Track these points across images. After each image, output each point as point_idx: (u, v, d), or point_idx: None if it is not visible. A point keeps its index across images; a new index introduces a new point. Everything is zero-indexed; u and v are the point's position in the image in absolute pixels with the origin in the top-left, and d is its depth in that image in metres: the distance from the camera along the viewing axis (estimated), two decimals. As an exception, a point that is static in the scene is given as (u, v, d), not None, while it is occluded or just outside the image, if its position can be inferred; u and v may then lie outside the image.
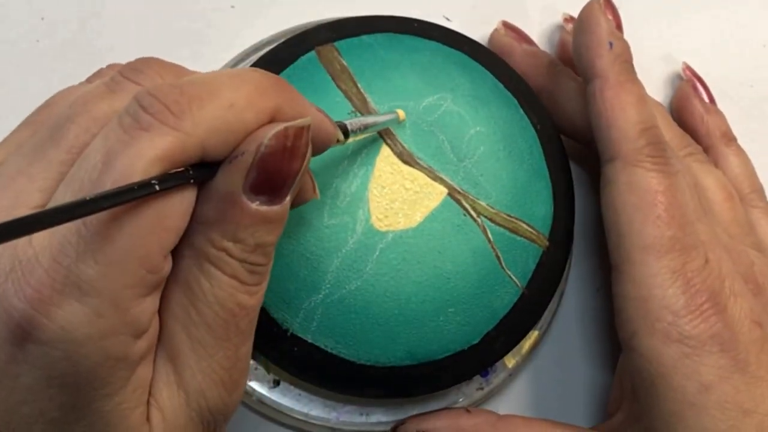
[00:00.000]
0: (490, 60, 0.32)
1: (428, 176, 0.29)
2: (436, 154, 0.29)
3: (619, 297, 0.28)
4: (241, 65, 0.33)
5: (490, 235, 0.29)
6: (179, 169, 0.19)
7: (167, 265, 0.20)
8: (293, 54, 0.30)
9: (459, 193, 0.29)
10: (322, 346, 0.28)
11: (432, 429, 0.30)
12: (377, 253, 0.28)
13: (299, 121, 0.20)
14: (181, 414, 0.21)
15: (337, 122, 0.24)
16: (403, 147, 0.29)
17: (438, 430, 0.30)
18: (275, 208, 0.20)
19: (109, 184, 0.18)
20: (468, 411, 0.30)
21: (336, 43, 0.30)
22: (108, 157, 0.18)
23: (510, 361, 0.32)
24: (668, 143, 0.29)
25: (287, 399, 0.31)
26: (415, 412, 0.31)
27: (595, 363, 0.34)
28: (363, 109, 0.29)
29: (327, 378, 0.29)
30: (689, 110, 0.35)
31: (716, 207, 0.31)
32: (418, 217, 0.28)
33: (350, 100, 0.29)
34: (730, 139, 0.34)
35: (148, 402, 0.20)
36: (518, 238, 0.29)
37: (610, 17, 0.30)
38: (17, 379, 0.18)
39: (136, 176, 0.18)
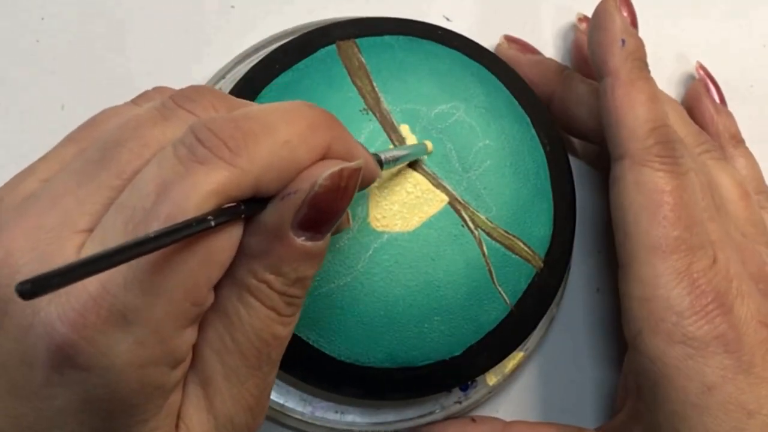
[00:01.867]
0: (508, 75, 0.32)
1: (431, 182, 0.29)
2: (442, 162, 0.29)
3: (624, 296, 0.28)
4: (241, 65, 0.33)
5: (485, 249, 0.29)
6: (232, 204, 0.19)
7: (211, 298, 0.20)
8: (314, 45, 0.30)
9: (459, 203, 0.29)
10: (304, 338, 0.28)
11: None
12: (370, 252, 0.27)
13: (354, 164, 0.20)
14: None
15: (372, 154, 0.24)
16: (409, 150, 0.29)
17: None
18: (318, 243, 0.20)
19: (162, 215, 0.18)
20: (473, 420, 0.30)
21: (357, 40, 0.30)
22: (162, 187, 0.18)
23: (491, 378, 0.32)
24: (680, 141, 0.29)
25: (264, 387, 0.31)
26: (390, 417, 0.31)
27: (596, 362, 0.34)
28: (375, 107, 0.29)
29: (305, 370, 0.29)
30: (700, 110, 0.35)
31: (731, 205, 0.31)
32: (415, 221, 0.28)
33: (363, 97, 0.29)
34: (738, 140, 0.35)
35: (177, 426, 0.20)
36: (513, 255, 0.29)
37: (625, 14, 0.31)
38: (49, 402, 0.18)
39: (190, 209, 0.18)
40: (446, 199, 0.29)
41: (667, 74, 0.38)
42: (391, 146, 0.29)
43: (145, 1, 0.35)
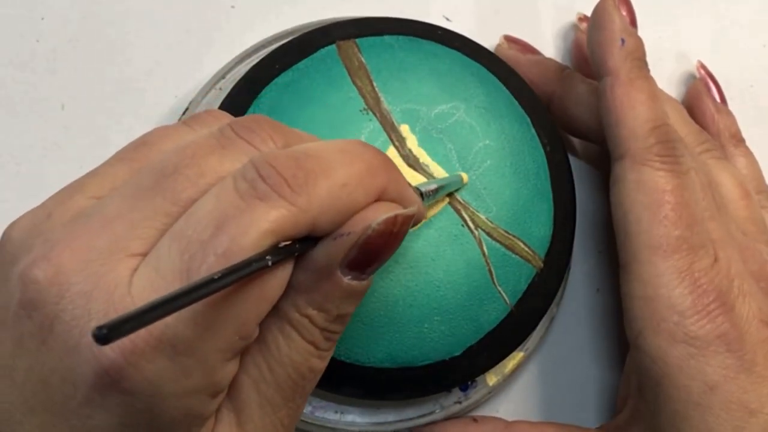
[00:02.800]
0: (508, 75, 0.32)
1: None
2: (442, 162, 0.29)
3: (626, 296, 0.28)
4: (241, 65, 0.33)
5: (485, 249, 0.29)
6: (287, 243, 0.19)
7: (257, 332, 0.20)
8: (314, 45, 0.30)
9: (460, 203, 0.29)
10: (304, 338, 0.28)
11: None
12: (370, 252, 0.27)
13: (409, 210, 0.20)
14: None
15: (413, 188, 0.24)
16: (409, 151, 0.29)
17: None
18: (363, 282, 0.21)
19: (220, 250, 0.18)
20: (475, 420, 0.30)
21: (357, 40, 0.30)
22: (221, 220, 0.18)
23: (491, 378, 0.32)
24: (681, 140, 0.29)
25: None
26: (390, 417, 0.31)
27: (596, 363, 0.34)
28: (375, 107, 0.29)
29: (305, 370, 0.29)
30: (701, 109, 0.35)
31: (731, 204, 0.31)
32: (415, 221, 0.28)
33: (363, 97, 0.29)
34: (739, 140, 0.35)
35: None
36: (513, 255, 0.29)
37: (624, 13, 0.31)
38: (87, 421, 0.18)
39: (248, 246, 0.18)
40: (446, 199, 0.29)
41: (667, 74, 0.38)
42: (427, 179, 0.29)
43: (145, 1, 0.35)
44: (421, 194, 0.25)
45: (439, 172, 0.29)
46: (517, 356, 0.32)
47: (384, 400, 0.31)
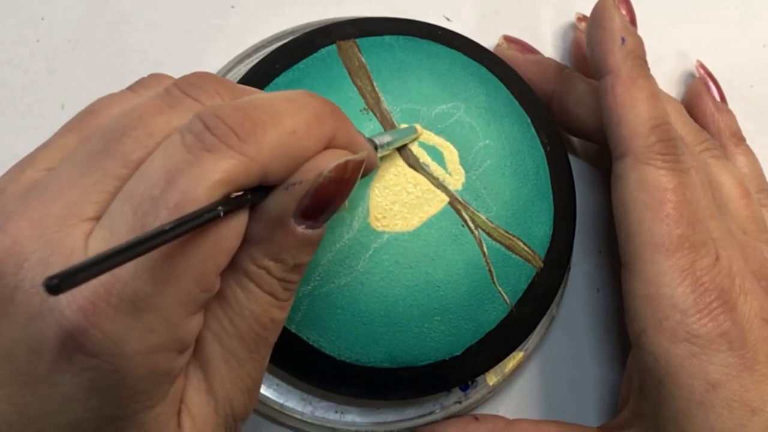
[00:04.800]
0: (508, 75, 0.32)
1: (431, 183, 0.29)
2: (442, 162, 0.29)
3: (628, 295, 0.28)
4: (241, 65, 0.33)
5: (485, 249, 0.29)
6: (239, 193, 0.19)
7: (218, 284, 0.20)
8: (314, 45, 0.30)
9: (460, 203, 0.29)
10: (304, 338, 0.28)
11: None
12: (370, 252, 0.27)
13: (359, 156, 0.21)
14: (211, 420, 0.21)
15: (367, 139, 0.24)
16: (410, 150, 0.29)
17: None
18: (318, 231, 0.21)
19: (172, 203, 0.18)
20: (476, 418, 0.30)
21: (358, 40, 0.30)
22: (170, 175, 0.18)
23: (491, 378, 0.32)
24: (681, 139, 0.29)
25: (264, 388, 0.31)
26: (390, 417, 0.31)
27: (596, 362, 0.34)
28: (375, 107, 0.29)
29: (305, 370, 0.29)
30: (701, 108, 0.35)
31: (731, 203, 0.31)
32: (415, 221, 0.28)
33: (364, 97, 0.29)
34: (739, 138, 0.35)
35: (179, 408, 0.20)
36: (513, 255, 0.29)
37: (624, 12, 0.31)
38: (56, 388, 0.18)
39: (200, 197, 0.18)
40: (446, 199, 0.29)
41: (667, 74, 0.38)
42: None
43: (145, 1, 0.35)
44: (375, 146, 0.25)
45: (439, 172, 0.29)
46: (517, 356, 0.32)
47: (384, 400, 0.31)
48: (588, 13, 0.32)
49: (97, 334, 0.18)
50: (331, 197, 0.20)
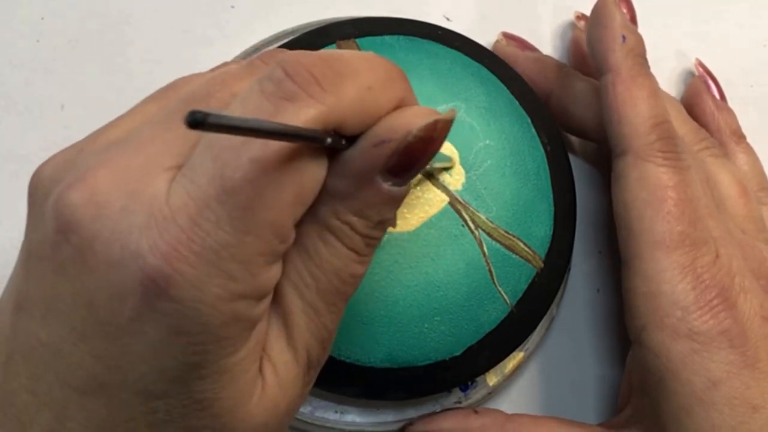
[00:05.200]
0: (508, 75, 0.32)
1: (431, 183, 0.29)
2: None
3: (628, 292, 0.28)
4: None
5: (485, 249, 0.29)
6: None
7: (293, 235, 0.20)
8: (314, 45, 0.30)
9: (460, 203, 0.29)
10: (304, 338, 0.28)
11: (439, 430, 0.30)
12: (370, 252, 0.27)
13: (447, 115, 0.20)
14: (291, 369, 0.21)
15: None
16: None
17: (445, 431, 0.30)
18: (403, 188, 0.21)
19: (252, 153, 0.18)
20: (476, 411, 0.30)
21: (357, 40, 0.30)
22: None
23: (491, 378, 0.32)
24: (681, 138, 0.29)
25: (265, 387, 0.31)
26: (390, 417, 0.31)
27: (596, 363, 0.34)
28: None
29: (305, 370, 0.29)
30: (700, 106, 0.35)
31: (730, 202, 0.31)
32: (415, 221, 0.28)
33: (363, 97, 0.29)
34: (739, 136, 0.35)
35: (261, 357, 0.21)
36: (513, 255, 0.29)
37: (625, 10, 0.31)
38: (139, 337, 0.18)
39: (281, 147, 0.18)
40: (446, 199, 0.29)
41: (666, 73, 0.38)
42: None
43: (145, 1, 0.35)
44: None
45: (439, 172, 0.29)
46: (517, 356, 0.32)
47: (384, 400, 0.31)
48: (587, 12, 0.32)
49: (180, 279, 0.18)
50: (419, 156, 0.20)
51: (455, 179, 0.29)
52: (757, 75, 0.39)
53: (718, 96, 0.35)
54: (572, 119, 0.33)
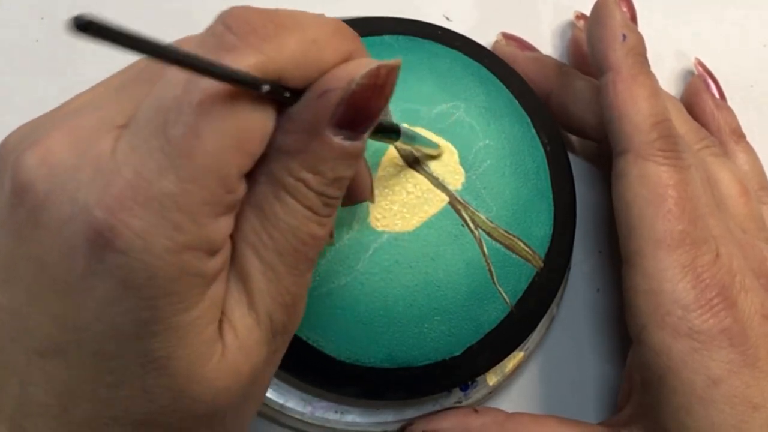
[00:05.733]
0: (508, 75, 0.32)
1: (431, 183, 0.29)
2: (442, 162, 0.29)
3: (629, 290, 0.28)
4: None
5: (485, 249, 0.29)
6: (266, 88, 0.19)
7: (242, 188, 0.20)
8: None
9: (459, 203, 0.29)
10: (304, 338, 0.28)
11: (439, 429, 0.30)
12: (370, 252, 0.27)
13: (391, 61, 0.20)
14: (253, 333, 0.21)
15: (391, 122, 0.24)
16: (410, 151, 0.29)
17: (446, 430, 0.30)
18: (356, 143, 0.20)
19: (194, 102, 0.18)
20: (475, 410, 0.30)
21: (357, 40, 0.30)
22: (191, 75, 0.18)
23: (492, 378, 0.32)
24: (681, 137, 0.29)
25: (265, 387, 0.31)
26: (390, 417, 0.31)
27: (596, 362, 0.34)
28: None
29: (305, 370, 0.29)
30: (700, 106, 0.35)
31: (730, 201, 0.31)
32: (415, 221, 0.28)
33: (363, 97, 0.29)
34: (739, 135, 0.35)
35: (221, 320, 0.20)
36: (513, 255, 0.29)
37: (625, 9, 0.31)
38: (91, 293, 0.18)
39: (221, 93, 0.18)
40: (446, 198, 0.29)
41: (666, 73, 0.38)
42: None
43: (145, 2, 0.35)
44: (398, 129, 0.25)
45: (439, 171, 0.29)
46: (517, 356, 0.32)
47: (384, 400, 0.31)
48: (587, 12, 0.32)
49: (125, 231, 0.18)
50: (366, 106, 0.20)
51: (455, 179, 0.29)
52: (757, 75, 0.39)
53: (717, 95, 0.35)
54: (572, 118, 0.33)
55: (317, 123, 0.20)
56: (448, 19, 0.37)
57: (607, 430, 0.29)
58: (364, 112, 0.20)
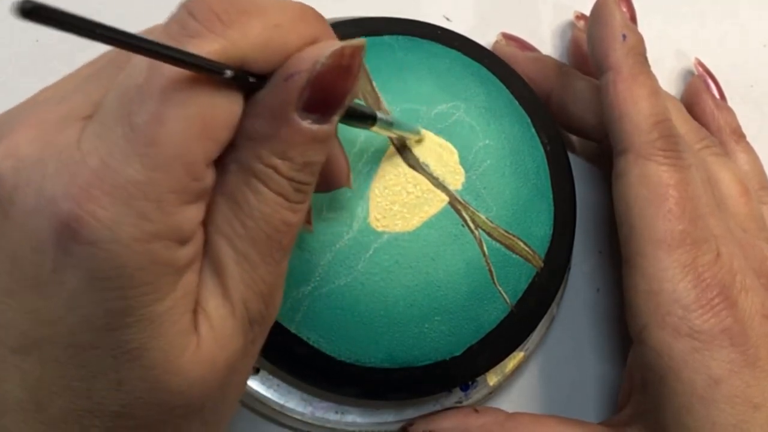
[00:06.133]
0: (508, 75, 0.32)
1: (431, 183, 0.29)
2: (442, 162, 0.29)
3: (629, 290, 0.28)
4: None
5: (485, 249, 0.29)
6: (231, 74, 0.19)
7: (210, 175, 0.20)
8: (313, 45, 0.30)
9: (460, 203, 0.29)
10: (305, 338, 0.28)
11: (440, 429, 0.30)
12: (371, 252, 0.27)
13: (355, 41, 0.20)
14: (228, 323, 0.21)
15: (367, 107, 0.24)
16: (410, 151, 0.29)
17: (446, 430, 0.30)
18: (325, 127, 0.20)
19: (157, 89, 0.18)
20: (476, 410, 0.30)
21: (357, 40, 0.30)
22: (153, 62, 0.18)
23: (492, 378, 0.32)
24: (682, 136, 0.29)
25: (265, 388, 0.31)
26: (390, 417, 0.31)
27: (597, 362, 0.34)
28: (375, 107, 0.29)
29: (305, 370, 0.29)
30: (700, 106, 0.35)
31: (731, 201, 0.31)
32: (415, 221, 0.28)
33: (363, 97, 0.29)
34: (739, 135, 0.35)
35: (195, 311, 0.20)
36: (513, 255, 0.29)
37: (624, 9, 0.31)
38: (62, 286, 0.18)
39: (182, 81, 0.18)
40: (446, 199, 0.29)
41: (666, 73, 0.38)
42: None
43: (145, 2, 0.35)
44: (375, 117, 0.25)
45: (439, 171, 0.29)
46: (517, 356, 0.32)
47: (384, 400, 0.31)
48: (587, 12, 0.32)
49: (92, 221, 0.17)
50: (333, 88, 0.20)
51: (455, 179, 0.29)
52: (757, 75, 0.39)
53: (717, 95, 0.36)
54: (572, 118, 0.33)
55: (284, 107, 0.19)
56: (447, 19, 0.37)
57: (608, 429, 0.29)
58: (331, 95, 0.20)
